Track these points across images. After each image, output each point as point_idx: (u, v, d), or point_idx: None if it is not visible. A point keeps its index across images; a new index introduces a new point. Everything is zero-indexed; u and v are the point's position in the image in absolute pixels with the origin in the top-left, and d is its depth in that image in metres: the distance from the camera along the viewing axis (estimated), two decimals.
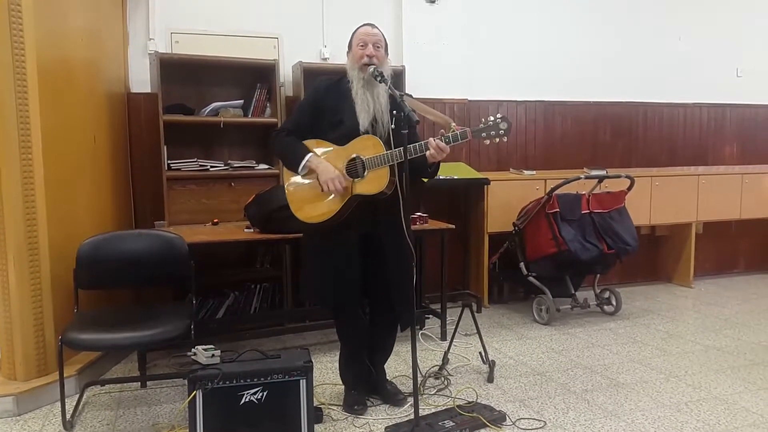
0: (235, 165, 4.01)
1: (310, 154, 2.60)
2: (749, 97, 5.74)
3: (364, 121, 2.58)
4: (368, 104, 2.59)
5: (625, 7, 5.27)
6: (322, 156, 2.62)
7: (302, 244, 2.86)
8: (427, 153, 2.51)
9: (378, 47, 2.62)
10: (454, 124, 2.53)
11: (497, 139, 2.51)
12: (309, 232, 2.75)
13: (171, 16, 4.08)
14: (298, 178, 2.67)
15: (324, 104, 2.66)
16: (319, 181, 2.60)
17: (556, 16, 5.06)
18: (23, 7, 2.74)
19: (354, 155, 2.57)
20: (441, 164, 2.75)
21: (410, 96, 2.72)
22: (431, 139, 2.49)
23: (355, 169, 2.57)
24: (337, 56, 4.25)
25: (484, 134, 2.51)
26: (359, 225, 2.62)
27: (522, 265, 4.28)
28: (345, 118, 2.61)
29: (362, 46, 2.61)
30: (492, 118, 2.49)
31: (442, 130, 2.53)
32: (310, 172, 2.62)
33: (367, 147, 2.56)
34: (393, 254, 2.61)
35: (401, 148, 2.43)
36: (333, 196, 2.59)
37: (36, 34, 2.81)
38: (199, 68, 3.97)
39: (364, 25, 2.68)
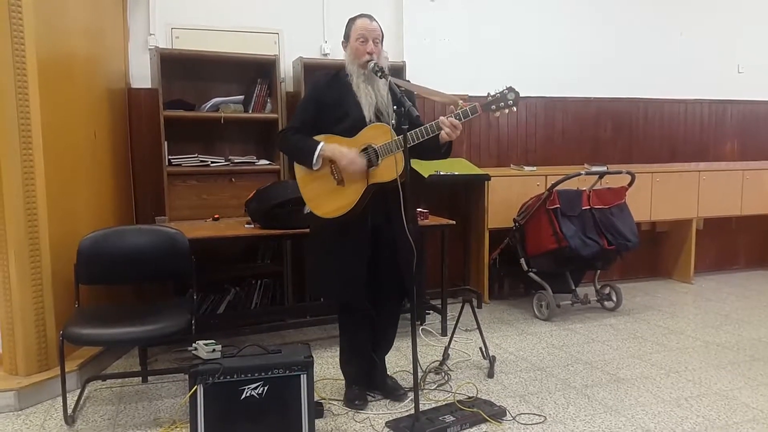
0: (236, 161, 4.01)
1: (322, 144, 2.57)
2: (750, 94, 5.72)
3: (369, 113, 2.58)
4: (371, 97, 2.59)
5: (625, 3, 5.25)
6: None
7: (311, 237, 2.83)
8: (441, 133, 2.50)
9: (377, 43, 2.62)
10: (461, 101, 2.52)
11: (507, 110, 2.50)
12: (320, 227, 2.71)
13: (171, 12, 4.07)
14: (310, 175, 2.63)
15: (326, 99, 2.65)
16: (334, 171, 2.59)
17: (556, 12, 5.05)
18: (23, 2, 2.74)
19: (366, 144, 2.56)
20: (442, 161, 2.75)
21: (409, 81, 2.71)
22: (442, 117, 2.49)
23: (368, 158, 2.56)
24: (338, 51, 4.19)
25: (493, 107, 2.51)
26: (372, 216, 2.62)
27: (522, 260, 4.28)
28: (350, 110, 2.60)
29: (362, 41, 2.59)
30: (499, 89, 2.49)
31: (452, 107, 2.52)
32: (323, 165, 2.60)
33: (377, 135, 2.56)
34: (403, 242, 2.56)
35: (412, 131, 2.44)
36: (351, 186, 2.58)
37: (36, 30, 2.81)
38: (199, 64, 3.97)
39: (363, 16, 2.65)
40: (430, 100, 4.16)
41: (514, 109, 2.51)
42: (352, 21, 2.67)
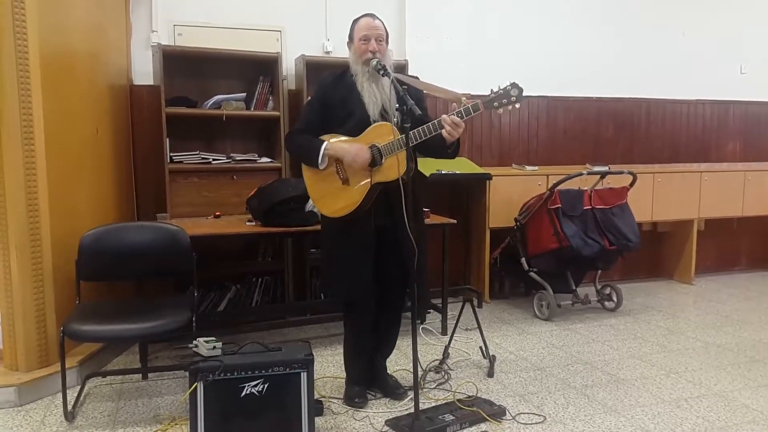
0: (238, 158, 4.01)
1: (326, 143, 2.58)
2: (753, 94, 5.72)
3: (373, 112, 2.59)
4: (375, 96, 2.59)
5: (627, 3, 5.25)
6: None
7: (321, 238, 2.85)
8: (443, 132, 2.48)
9: (380, 41, 2.61)
10: (464, 98, 2.51)
11: (510, 107, 2.48)
12: (327, 226, 2.73)
13: (174, 9, 4.07)
14: (317, 175, 2.65)
15: (332, 98, 2.66)
16: (339, 170, 2.60)
17: (559, 12, 5.04)
18: None
19: (370, 144, 2.56)
20: (443, 160, 2.75)
21: (416, 78, 2.70)
22: (444, 116, 2.48)
23: (372, 157, 2.56)
24: (340, 49, 4.23)
25: (496, 104, 2.48)
26: (376, 216, 2.62)
27: (523, 260, 4.27)
28: (354, 109, 2.60)
29: (365, 40, 2.60)
30: (501, 86, 2.47)
31: (454, 105, 2.51)
32: (329, 164, 2.61)
33: (382, 134, 2.56)
34: (407, 245, 2.57)
35: (415, 130, 2.44)
36: (356, 185, 2.58)
37: (39, 26, 2.81)
38: (201, 61, 3.96)
39: (366, 15, 2.66)
40: (435, 96, 4.20)
41: (517, 105, 2.48)
42: (356, 21, 2.67)
